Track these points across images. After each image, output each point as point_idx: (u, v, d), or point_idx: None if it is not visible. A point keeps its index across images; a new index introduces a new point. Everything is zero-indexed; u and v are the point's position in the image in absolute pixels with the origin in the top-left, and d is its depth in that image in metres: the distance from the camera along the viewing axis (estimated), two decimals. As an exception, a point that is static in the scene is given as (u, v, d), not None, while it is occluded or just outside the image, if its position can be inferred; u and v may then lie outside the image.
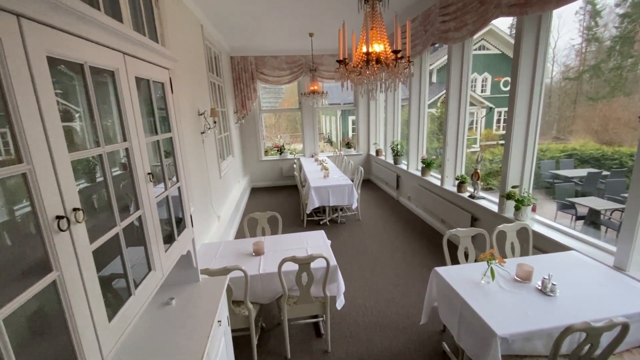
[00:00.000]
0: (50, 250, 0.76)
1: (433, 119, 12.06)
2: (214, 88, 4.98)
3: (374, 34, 2.07)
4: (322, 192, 4.88)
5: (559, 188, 6.08)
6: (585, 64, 14.64)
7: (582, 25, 14.84)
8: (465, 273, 2.19)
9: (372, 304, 3.03)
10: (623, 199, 5.51)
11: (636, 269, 2.13)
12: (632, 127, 10.87)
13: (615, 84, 13.43)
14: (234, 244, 2.96)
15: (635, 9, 13.10)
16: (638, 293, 1.87)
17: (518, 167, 3.25)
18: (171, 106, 1.63)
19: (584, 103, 14.12)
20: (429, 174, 5.09)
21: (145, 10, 2.54)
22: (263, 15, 4.47)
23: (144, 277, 1.24)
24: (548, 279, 1.93)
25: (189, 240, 1.80)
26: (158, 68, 1.50)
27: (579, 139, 12.32)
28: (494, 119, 14.47)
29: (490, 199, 3.78)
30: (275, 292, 2.44)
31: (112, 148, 1.09)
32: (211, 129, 4.10)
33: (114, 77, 1.12)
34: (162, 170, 1.50)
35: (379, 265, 3.76)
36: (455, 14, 3.50)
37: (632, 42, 13.37)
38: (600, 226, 5.22)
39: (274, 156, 8.06)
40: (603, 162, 8.50)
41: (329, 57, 7.02)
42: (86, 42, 0.94)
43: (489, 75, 13.95)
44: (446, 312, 2.16)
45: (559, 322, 1.64)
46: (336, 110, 13.83)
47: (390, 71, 2.01)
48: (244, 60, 6.72)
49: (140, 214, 1.23)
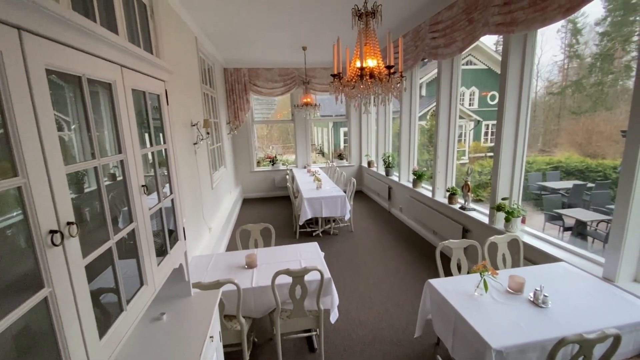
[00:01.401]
0: (42, 265, 0.74)
1: (423, 131, 12.27)
2: (207, 99, 4.99)
3: (368, 50, 2.11)
4: (315, 203, 4.87)
5: (546, 200, 6.21)
6: (568, 80, 15.19)
7: (564, 42, 15.45)
8: (458, 285, 2.20)
9: (366, 317, 3.01)
10: (608, 210, 5.66)
11: (625, 279, 2.18)
12: (614, 140, 11.24)
13: (597, 98, 13.94)
14: (226, 256, 2.92)
15: (614, 27, 13.73)
16: (628, 304, 1.91)
17: (507, 180, 3.32)
18: (166, 118, 1.62)
19: (568, 117, 14.59)
20: (420, 186, 5.15)
21: (141, 22, 2.55)
22: (257, 29, 4.53)
23: (135, 292, 1.21)
24: (540, 291, 1.96)
25: (182, 254, 1.77)
26: (154, 80, 1.50)
27: (564, 151, 12.67)
28: (482, 132, 14.82)
29: (481, 210, 3.83)
30: (268, 305, 2.40)
31: (108, 160, 1.08)
32: (204, 139, 4.09)
33: (111, 89, 1.12)
34: (155, 182, 1.49)
35: (372, 277, 3.75)
36: (444, 31, 3.62)
37: (611, 59, 13.96)
38: (587, 237, 5.33)
39: (266, 167, 8.05)
40: (587, 174, 8.74)
41: (322, 70, 7.13)
42: (85, 54, 0.94)
43: (477, 90, 14.34)
44: (440, 325, 2.15)
45: (552, 334, 1.65)
46: (328, 122, 13.96)
47: (383, 86, 2.05)
48: (237, 72, 6.76)
49: (133, 227, 1.21)
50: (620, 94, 13.21)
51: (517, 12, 2.58)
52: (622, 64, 13.73)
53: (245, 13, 3.87)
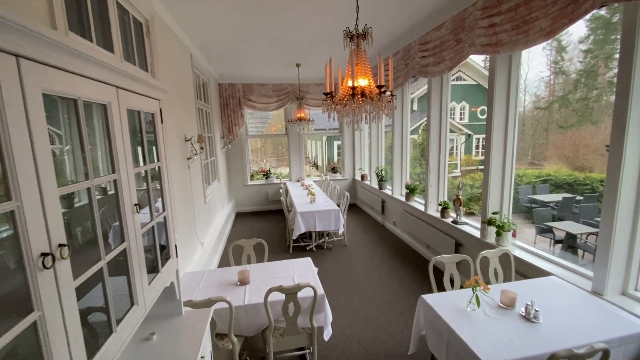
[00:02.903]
0: (33, 289, 0.73)
1: (415, 145, 12.46)
2: (202, 114, 5.03)
3: (359, 69, 2.18)
4: (309, 217, 4.87)
5: (536, 213, 6.29)
6: (554, 95, 15.69)
7: (550, 59, 16.04)
8: (451, 300, 2.20)
9: (360, 334, 2.98)
10: (597, 222, 5.75)
11: (613, 293, 2.21)
12: (600, 154, 11.53)
13: (583, 113, 14.38)
14: (218, 273, 2.89)
15: (596, 45, 14.31)
16: (616, 318, 1.93)
17: (497, 194, 3.37)
18: (160, 136, 1.64)
19: (555, 131, 14.98)
20: (413, 199, 5.19)
21: (137, 40, 2.60)
22: (252, 47, 4.63)
23: (126, 313, 1.19)
24: (531, 305, 1.97)
25: (173, 272, 1.76)
26: (149, 99, 1.52)
27: (553, 164, 12.95)
28: (473, 145, 15.10)
29: (473, 224, 3.87)
30: (261, 323, 2.36)
31: (101, 181, 1.09)
32: (198, 154, 4.10)
33: (106, 111, 1.14)
34: (149, 200, 1.49)
35: (366, 293, 3.73)
36: (433, 50, 3.74)
37: (595, 75, 14.48)
38: (578, 250, 5.40)
39: (260, 180, 8.05)
40: (576, 187, 8.91)
41: (315, 86, 7.25)
42: (81, 77, 0.96)
43: (467, 104, 14.68)
44: (434, 341, 2.14)
45: (543, 350, 1.66)
46: (322, 136, 14.10)
47: (374, 104, 2.10)
48: (231, 87, 6.84)
49: (125, 247, 1.21)
50: (604, 109, 13.64)
51: (502, 34, 2.69)
52: (606, 80, 14.24)
53: (241, 31, 3.96)
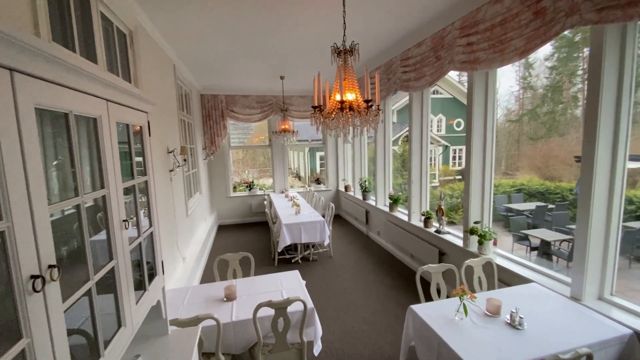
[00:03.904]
0: (22, 314, 0.69)
1: (396, 156, 12.73)
2: (184, 125, 4.94)
3: (347, 84, 2.23)
4: (294, 229, 4.84)
5: (513, 221, 6.54)
6: (524, 108, 16.59)
7: (518, 75, 17.01)
8: (439, 310, 2.24)
9: (348, 347, 2.95)
10: (568, 229, 6.05)
11: (590, 298, 2.32)
12: (568, 164, 12.21)
13: (550, 126, 15.24)
14: (202, 288, 2.80)
15: (560, 62, 15.31)
16: (595, 322, 2.02)
17: (478, 204, 3.49)
18: (148, 149, 1.60)
19: (526, 142, 15.77)
20: (396, 210, 5.28)
21: (120, 51, 2.55)
22: (235, 59, 4.63)
23: (113, 335, 1.13)
24: (516, 313, 2.03)
25: (159, 289, 1.69)
26: (137, 112, 1.49)
27: (525, 174, 13.56)
28: (450, 156, 15.62)
29: (455, 233, 3.97)
30: (249, 340, 2.30)
31: (91, 196, 1.05)
32: (180, 166, 4.01)
33: (96, 124, 1.10)
34: (136, 216, 1.44)
35: (353, 304, 3.71)
36: (414, 66, 3.88)
37: (560, 90, 15.44)
38: (552, 256, 5.64)
39: (243, 192, 7.93)
40: (548, 195, 9.35)
41: (299, 98, 7.32)
42: (72, 91, 0.94)
43: (443, 117, 15.24)
44: (424, 351, 2.16)
45: (530, 356, 1.71)
46: (304, 147, 14.14)
47: (362, 118, 2.15)
48: (214, 98, 6.78)
49: (113, 265, 1.16)
50: (570, 122, 14.52)
51: (479, 52, 2.84)
52: (570, 95, 15.21)
53: (224, 44, 3.96)
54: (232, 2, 2.82)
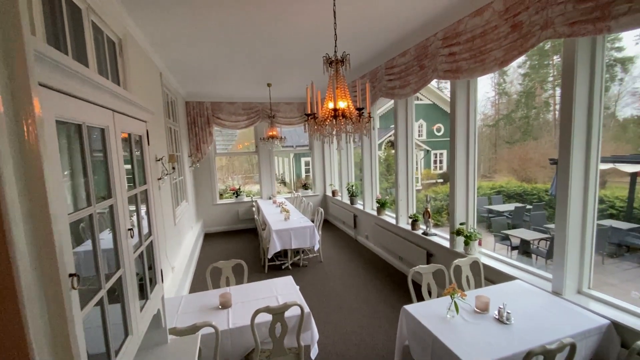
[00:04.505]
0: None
1: (380, 161, 12.96)
2: (170, 133, 4.89)
3: (339, 92, 2.31)
4: (284, 235, 4.85)
5: (494, 222, 6.79)
6: (500, 114, 17.31)
7: (494, 81, 17.73)
8: (431, 309, 2.32)
9: (343, 350, 2.99)
10: (545, 229, 6.34)
11: (570, 292, 2.46)
12: (542, 166, 12.78)
13: (525, 130, 15.94)
14: (196, 297, 2.77)
15: (532, 70, 16.08)
16: (576, 314, 2.16)
17: (463, 206, 3.64)
18: (147, 158, 1.61)
19: (503, 146, 16.41)
20: (384, 213, 5.39)
21: (110, 60, 2.54)
22: (222, 67, 4.65)
23: (122, 343, 1.14)
24: (503, 309, 2.14)
25: (159, 298, 1.69)
26: (138, 121, 1.50)
27: (503, 177, 14.10)
28: (432, 160, 16.04)
29: (442, 235, 4.11)
30: (247, 347, 2.30)
31: (101, 206, 1.06)
32: (169, 174, 3.96)
33: (104, 134, 1.12)
34: (138, 223, 1.45)
35: (345, 308, 3.76)
36: (399, 74, 4.02)
37: (533, 96, 16.21)
38: (531, 254, 5.89)
39: (229, 199, 7.86)
40: (525, 197, 9.77)
41: (285, 105, 7.37)
42: (85, 103, 0.96)
43: (424, 122, 15.66)
44: (418, 350, 2.23)
45: (519, 349, 1.81)
46: (289, 153, 14.16)
47: (355, 125, 2.23)
48: (199, 105, 6.74)
49: (121, 274, 1.17)
50: (543, 126, 15.23)
51: (461, 61, 3.00)
52: (542, 100, 15.97)
53: (211, 53, 3.97)
54: (220, 10, 2.86)
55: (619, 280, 5.03)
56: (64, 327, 0.75)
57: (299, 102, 7.50)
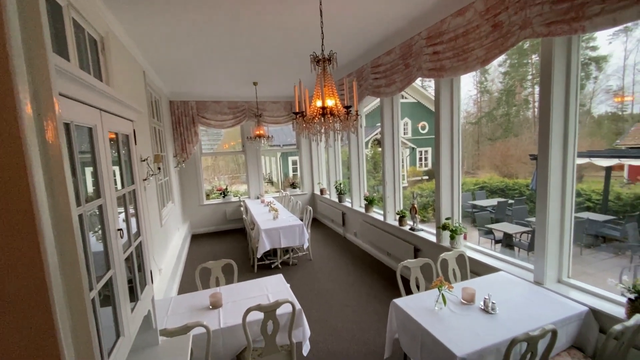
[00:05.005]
0: (43, 323, 0.70)
1: (367, 159, 13.07)
2: (155, 133, 4.80)
3: (326, 91, 2.32)
4: (273, 234, 4.84)
5: (478, 217, 6.98)
6: (482, 111, 17.75)
7: (476, 79, 18.15)
8: (420, 302, 2.38)
9: (335, 346, 3.02)
10: (527, 222, 6.56)
11: (551, 282, 2.57)
12: (523, 162, 13.18)
13: (506, 127, 16.39)
14: (185, 298, 2.75)
15: (512, 68, 16.54)
16: (557, 303, 2.26)
17: (448, 201, 3.73)
18: (134, 158, 1.59)
19: (486, 143, 16.83)
20: (372, 210, 5.45)
21: (92, 57, 2.48)
22: (207, 66, 4.59)
23: (114, 345, 1.13)
24: (488, 299, 2.22)
25: (150, 299, 1.67)
26: (125, 120, 1.48)
27: (486, 173, 14.47)
28: (417, 158, 16.29)
29: (428, 230, 4.19)
30: (238, 346, 2.30)
31: (90, 206, 1.04)
32: (154, 175, 3.89)
33: (92, 134, 1.10)
34: (127, 224, 1.43)
35: (335, 304, 3.80)
36: (385, 73, 4.08)
37: (514, 94, 16.67)
38: (514, 247, 6.09)
39: (216, 199, 7.78)
40: (507, 192, 10.06)
41: (272, 104, 7.34)
42: (73, 102, 0.94)
43: (409, 120, 15.87)
44: (408, 342, 2.28)
45: (504, 337, 1.89)
46: (276, 152, 14.10)
47: (343, 123, 2.25)
48: (184, 104, 6.63)
49: (111, 275, 1.15)
50: (523, 123, 15.69)
51: (445, 60, 3.07)
52: (522, 98, 16.45)
53: (195, 51, 3.92)
54: (203, 8, 2.83)
55: (596, 270, 5.27)
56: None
57: (286, 100, 7.49)
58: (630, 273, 4.97)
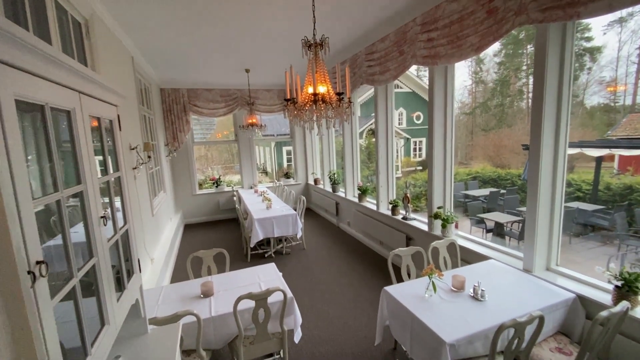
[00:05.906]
0: (16, 311, 0.67)
1: (361, 149, 13.04)
2: (145, 120, 4.70)
3: (318, 77, 2.28)
4: (266, 223, 4.83)
5: (470, 206, 7.03)
6: (476, 102, 17.75)
7: (471, 70, 18.08)
8: (410, 289, 2.40)
9: (327, 334, 3.05)
10: (518, 212, 6.64)
11: (539, 269, 2.61)
12: (516, 152, 13.26)
13: (500, 117, 16.43)
14: (176, 287, 2.74)
15: (507, 58, 16.49)
16: (545, 290, 2.30)
17: (440, 190, 3.74)
18: (119, 144, 1.54)
19: (479, 133, 16.89)
20: (365, 200, 5.46)
21: (76, 42, 2.39)
22: (198, 52, 4.47)
23: (98, 333, 1.11)
24: (478, 286, 2.24)
25: (137, 288, 1.65)
26: (108, 105, 1.43)
27: (479, 163, 14.56)
28: (411, 148, 16.30)
29: (420, 219, 4.22)
30: (230, 334, 2.31)
31: (69, 192, 1.01)
32: (144, 164, 3.83)
33: (70, 117, 1.06)
34: (112, 211, 1.40)
35: (328, 293, 3.82)
36: (379, 60, 4.02)
37: (508, 84, 16.67)
38: (505, 236, 6.17)
39: (209, 189, 7.72)
40: (499, 182, 10.15)
41: (265, 92, 7.23)
42: (47, 82, 0.90)
43: (404, 110, 15.80)
44: (398, 329, 2.31)
45: (492, 323, 1.91)
46: (270, 142, 13.98)
47: (335, 110, 2.22)
48: (175, 92, 6.50)
49: (94, 262, 1.13)
50: (516, 113, 15.74)
51: (439, 47, 3.02)
52: (517, 89, 16.47)
53: (185, 36, 3.81)
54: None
55: (584, 258, 5.37)
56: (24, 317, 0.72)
57: (279, 88, 7.38)
58: (618, 261, 5.07)
